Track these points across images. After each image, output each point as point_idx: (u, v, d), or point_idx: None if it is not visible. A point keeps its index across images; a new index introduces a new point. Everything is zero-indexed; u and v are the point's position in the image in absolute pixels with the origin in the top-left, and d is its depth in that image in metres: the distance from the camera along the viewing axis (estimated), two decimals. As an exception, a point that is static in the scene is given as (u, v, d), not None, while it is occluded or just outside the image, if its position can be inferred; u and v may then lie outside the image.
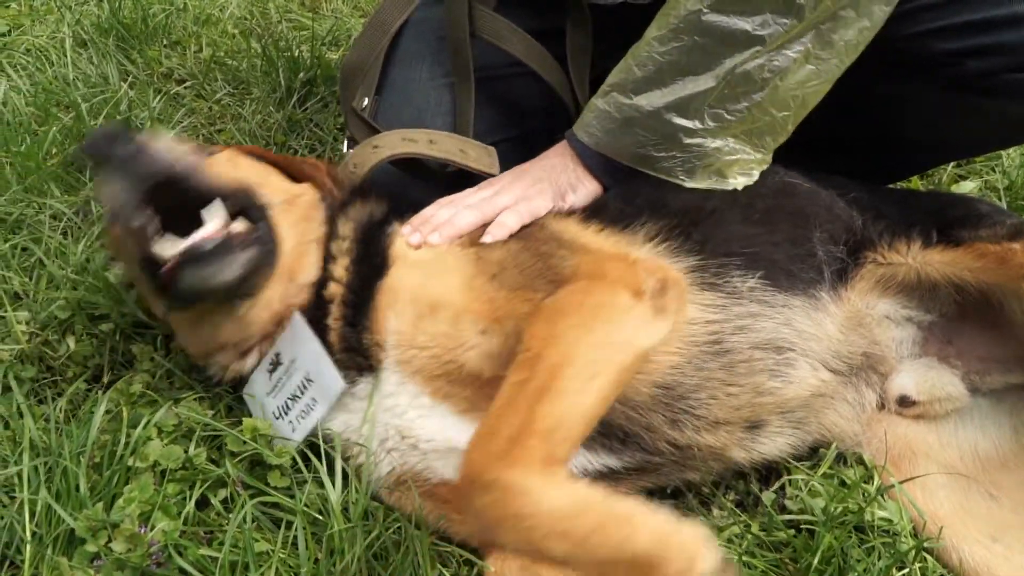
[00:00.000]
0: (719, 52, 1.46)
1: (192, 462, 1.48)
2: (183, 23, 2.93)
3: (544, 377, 1.22)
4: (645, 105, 1.54)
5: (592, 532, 1.07)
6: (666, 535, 1.06)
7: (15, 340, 1.75)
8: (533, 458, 1.14)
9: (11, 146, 2.21)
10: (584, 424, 1.23)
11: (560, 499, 1.10)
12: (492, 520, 1.13)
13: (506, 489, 1.11)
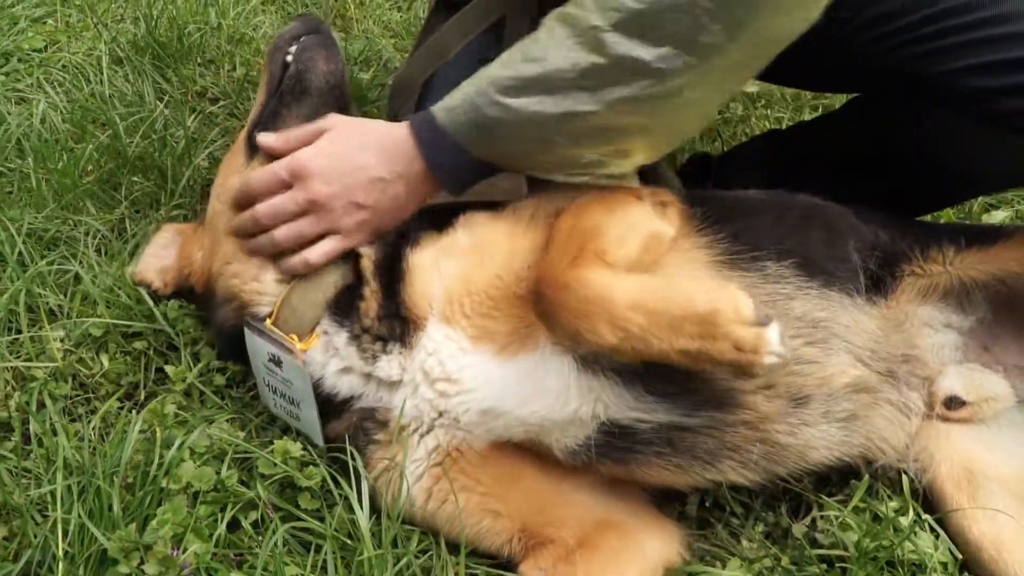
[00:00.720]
0: (612, 77, 1.39)
1: (224, 484, 1.49)
2: (217, 42, 2.97)
3: (584, 234, 1.43)
4: (525, 109, 1.44)
5: (660, 300, 1.29)
6: (714, 290, 1.29)
7: (50, 358, 1.77)
8: (593, 259, 1.37)
9: (48, 163, 2.24)
10: (624, 263, 1.42)
11: (627, 279, 1.34)
12: (580, 311, 1.31)
13: (581, 281, 1.33)
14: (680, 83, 1.37)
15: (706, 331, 1.25)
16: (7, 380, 1.77)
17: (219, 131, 2.52)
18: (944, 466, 1.60)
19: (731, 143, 2.69)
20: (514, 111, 1.44)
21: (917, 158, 1.84)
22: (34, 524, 1.49)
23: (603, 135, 1.46)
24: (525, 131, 1.46)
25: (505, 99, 1.45)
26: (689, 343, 1.26)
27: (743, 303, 1.26)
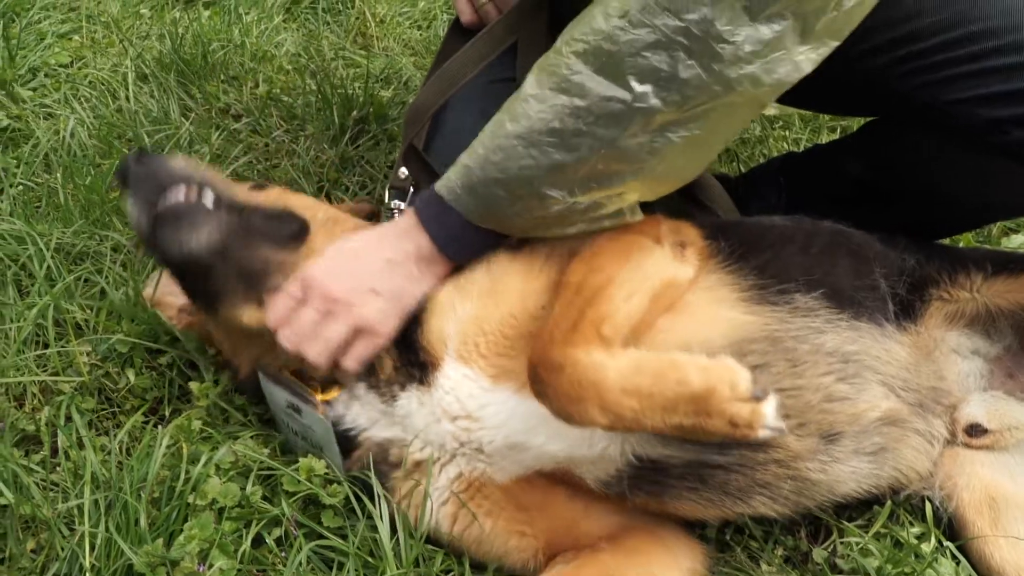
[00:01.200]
0: (592, 121, 1.35)
1: (248, 500, 1.50)
2: (240, 59, 3.01)
3: (590, 293, 1.40)
4: (513, 168, 1.42)
5: (654, 382, 1.27)
6: (710, 367, 1.27)
7: (77, 372, 1.79)
8: (591, 337, 1.33)
9: (76, 178, 2.27)
10: (627, 325, 1.39)
11: (622, 361, 1.30)
12: (572, 395, 1.30)
13: (575, 363, 1.30)
14: (669, 135, 1.35)
15: (701, 409, 1.25)
16: (34, 394, 1.79)
17: (242, 148, 2.55)
18: (966, 493, 1.60)
19: (749, 164, 2.70)
20: (504, 170, 1.43)
21: (934, 183, 1.85)
22: (61, 537, 1.50)
23: (595, 181, 1.42)
24: (517, 189, 1.44)
25: (495, 159, 1.44)
26: (683, 420, 1.26)
27: (740, 379, 1.25)
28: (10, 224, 2.10)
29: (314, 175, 2.52)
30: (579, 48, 1.34)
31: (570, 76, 1.36)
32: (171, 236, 1.52)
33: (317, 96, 2.77)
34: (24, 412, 1.75)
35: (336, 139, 2.65)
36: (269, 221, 1.63)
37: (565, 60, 1.37)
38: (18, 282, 2.01)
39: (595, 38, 1.33)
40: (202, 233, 1.53)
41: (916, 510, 1.64)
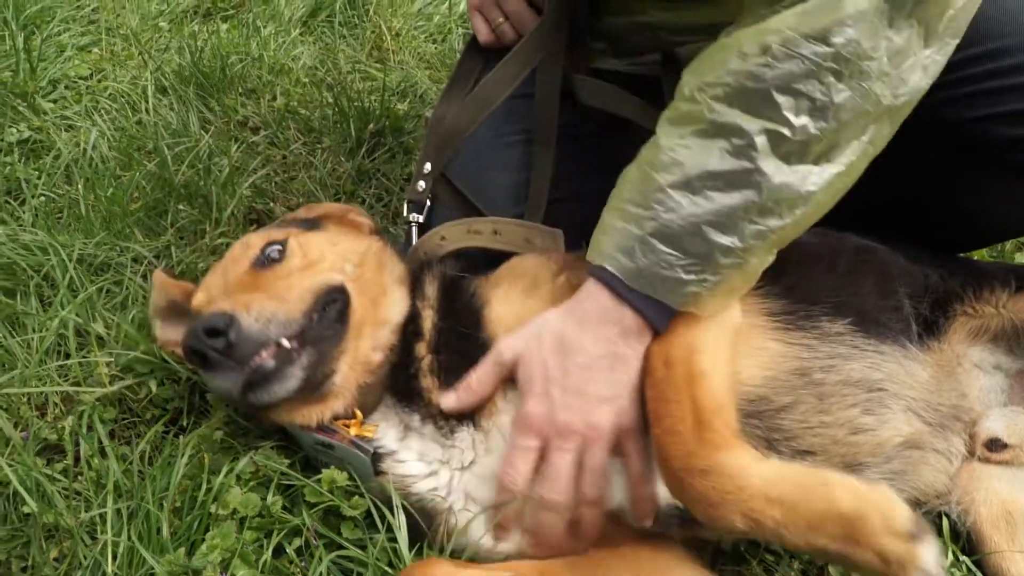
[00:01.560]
0: (760, 155, 1.32)
1: (269, 510, 1.52)
2: (258, 72, 3.04)
3: (683, 368, 1.37)
4: (675, 219, 1.36)
5: (800, 495, 1.22)
6: (864, 492, 1.20)
7: (98, 383, 1.81)
8: (728, 437, 1.31)
9: (97, 190, 2.30)
10: (732, 395, 1.39)
11: (768, 470, 1.26)
12: (714, 499, 1.27)
13: (722, 469, 1.27)
14: (817, 153, 1.33)
15: (848, 534, 1.18)
16: (56, 403, 1.81)
17: (261, 160, 2.58)
18: (984, 508, 1.60)
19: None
20: (667, 224, 1.36)
21: (955, 200, 1.85)
22: (84, 546, 1.52)
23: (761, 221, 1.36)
24: (684, 242, 1.36)
25: (653, 215, 1.37)
26: (828, 543, 1.20)
27: (898, 513, 1.17)
28: (33, 235, 2.13)
29: (331, 187, 2.55)
30: (718, 92, 1.33)
31: (717, 119, 1.34)
32: (263, 394, 1.48)
33: (334, 109, 2.80)
34: (46, 421, 1.76)
35: (353, 152, 2.67)
36: (322, 320, 1.55)
37: (705, 106, 1.35)
38: (40, 292, 2.03)
39: (735, 79, 1.32)
40: (291, 381, 1.48)
41: (933, 526, 1.64)
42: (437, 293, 1.69)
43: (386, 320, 1.66)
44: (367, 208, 2.49)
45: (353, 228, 1.87)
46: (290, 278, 1.59)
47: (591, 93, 1.95)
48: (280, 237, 1.68)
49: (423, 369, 1.58)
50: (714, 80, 1.34)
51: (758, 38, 1.31)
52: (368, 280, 1.68)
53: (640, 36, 1.99)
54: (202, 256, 2.17)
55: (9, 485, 1.60)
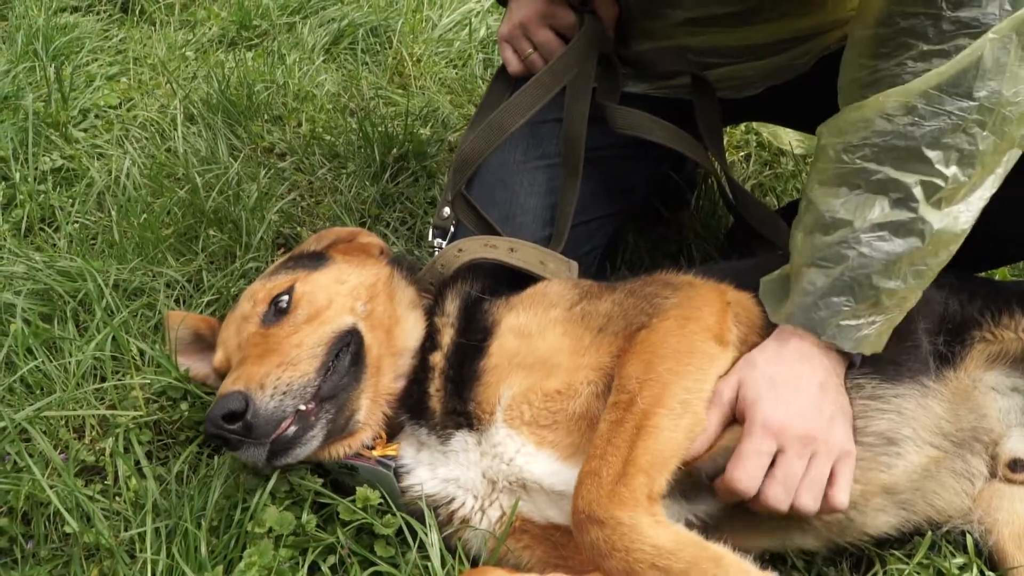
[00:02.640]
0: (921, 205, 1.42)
1: (304, 528, 1.55)
2: (283, 99, 3.11)
3: (639, 418, 1.41)
4: (846, 272, 1.47)
5: (687, 569, 1.24)
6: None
7: (134, 406, 1.85)
8: (640, 496, 1.33)
9: (131, 217, 2.36)
10: (676, 458, 1.41)
11: (662, 537, 1.28)
12: (603, 551, 1.30)
13: (617, 526, 1.30)
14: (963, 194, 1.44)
15: None
16: (92, 426, 1.85)
17: (288, 186, 2.64)
18: (1006, 529, 1.61)
19: (782, 199, 2.75)
20: (838, 277, 1.47)
21: None
22: (124, 565, 1.56)
23: (923, 264, 1.48)
24: (855, 291, 1.47)
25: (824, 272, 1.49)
26: None
27: None
28: (69, 260, 2.18)
29: (356, 211, 2.60)
30: (866, 153, 1.45)
31: (871, 178, 1.45)
32: (288, 459, 1.54)
33: (358, 134, 2.86)
34: (84, 444, 1.81)
35: (377, 176, 2.72)
36: (337, 370, 1.60)
37: (855, 167, 1.46)
38: (76, 317, 2.08)
39: (883, 139, 1.43)
40: (313, 441, 1.54)
41: (958, 544, 1.65)
42: (458, 312, 1.74)
43: (403, 349, 1.71)
44: (392, 231, 2.54)
45: (361, 253, 1.91)
46: (299, 333, 1.63)
47: (624, 120, 1.99)
48: (285, 286, 1.71)
49: (434, 377, 1.64)
50: (860, 141, 1.45)
51: (902, 99, 1.42)
52: (380, 313, 1.72)
53: (669, 60, 2.04)
54: (233, 280, 2.22)
55: (50, 505, 1.64)
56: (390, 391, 1.68)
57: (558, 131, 2.02)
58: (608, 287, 1.71)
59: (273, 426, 1.50)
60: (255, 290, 1.77)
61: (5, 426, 1.72)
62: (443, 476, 1.61)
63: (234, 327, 1.74)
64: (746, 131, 3.03)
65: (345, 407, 1.59)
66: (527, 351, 1.60)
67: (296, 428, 1.51)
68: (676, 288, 1.64)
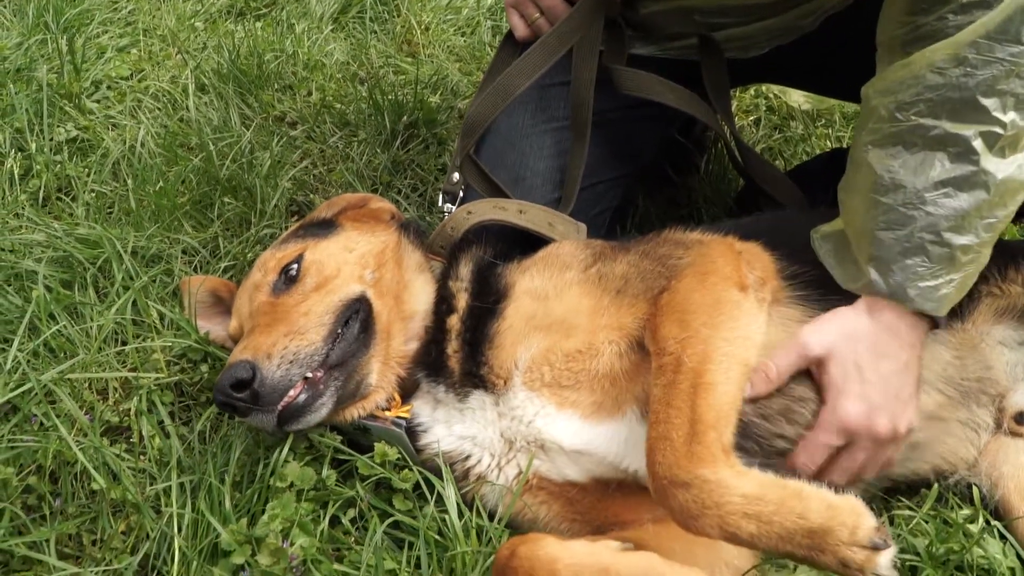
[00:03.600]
0: (983, 157, 1.43)
1: (324, 483, 1.59)
2: (293, 68, 3.12)
3: (692, 376, 1.41)
4: (915, 233, 1.49)
5: (776, 510, 1.26)
6: (834, 505, 1.25)
7: (155, 368, 1.89)
8: (716, 451, 1.34)
9: (147, 185, 2.39)
10: (735, 410, 1.42)
11: (747, 485, 1.29)
12: (693, 512, 1.30)
13: (703, 484, 1.30)
14: None
15: (815, 544, 1.24)
16: (115, 388, 1.90)
17: (300, 154, 2.66)
18: (1012, 482, 1.64)
19: (791, 162, 2.76)
20: (907, 238, 1.49)
21: None
22: (151, 519, 1.60)
23: (992, 216, 1.48)
24: (928, 249, 1.49)
25: (890, 232, 1.50)
26: (796, 550, 1.25)
27: (863, 525, 1.23)
28: (88, 228, 2.22)
29: (368, 179, 2.62)
30: (921, 109, 1.45)
31: (928, 134, 1.45)
32: (298, 424, 1.58)
33: (368, 103, 2.88)
34: (108, 405, 1.85)
35: (388, 144, 2.75)
36: (345, 338, 1.64)
37: (911, 124, 1.47)
38: (96, 283, 2.12)
39: (936, 93, 1.44)
40: (323, 408, 1.59)
41: (965, 496, 1.68)
42: (471, 276, 1.77)
43: (413, 312, 1.75)
44: (403, 198, 2.56)
45: (372, 219, 1.93)
46: (308, 301, 1.66)
47: (631, 82, 2.00)
48: (295, 255, 1.75)
49: (451, 338, 1.68)
50: (913, 98, 1.46)
51: (951, 51, 1.42)
52: (389, 280, 1.76)
53: (675, 22, 2.04)
54: (248, 246, 2.25)
55: (76, 464, 1.69)
56: (402, 354, 1.71)
57: (566, 94, 2.04)
58: (620, 248, 1.72)
59: (280, 394, 1.54)
60: (266, 259, 1.80)
61: (32, 387, 1.76)
62: (459, 433, 1.65)
63: (246, 295, 1.77)
64: (755, 95, 3.04)
65: (355, 373, 1.63)
66: (544, 312, 1.62)
67: (306, 396, 1.55)
68: (687, 247, 1.66)
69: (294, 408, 1.55)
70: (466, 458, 1.65)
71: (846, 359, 1.52)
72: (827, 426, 1.52)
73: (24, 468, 1.69)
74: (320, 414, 1.58)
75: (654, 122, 2.18)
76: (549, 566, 1.29)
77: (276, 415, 1.54)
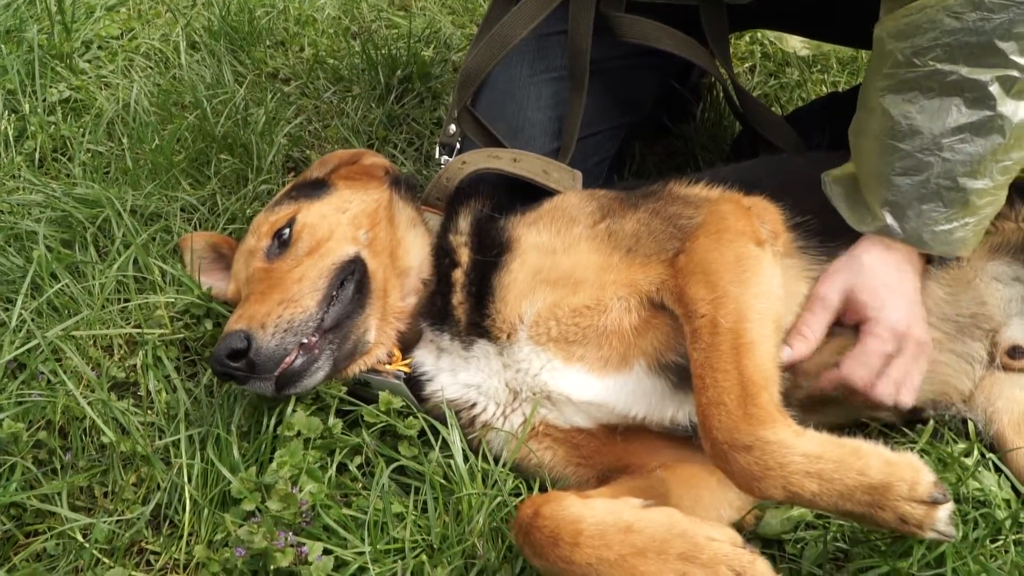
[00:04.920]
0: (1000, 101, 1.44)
1: (331, 431, 1.62)
2: (284, 24, 3.09)
3: (731, 337, 1.41)
4: (931, 179, 1.51)
5: (836, 468, 1.26)
6: (893, 461, 1.26)
7: (159, 324, 1.91)
8: (772, 410, 1.34)
9: (144, 143, 2.38)
10: (777, 368, 1.43)
11: (807, 444, 1.29)
12: (756, 474, 1.30)
13: (765, 445, 1.30)
14: None
15: (875, 501, 1.25)
16: (120, 345, 1.91)
17: (294, 110, 2.65)
18: (1006, 416, 1.67)
19: (787, 108, 2.75)
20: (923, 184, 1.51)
21: None
22: (161, 471, 1.63)
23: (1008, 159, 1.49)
24: (944, 195, 1.51)
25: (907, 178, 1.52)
26: (855, 508, 1.26)
27: (922, 480, 1.24)
28: (86, 188, 2.22)
29: (364, 134, 2.61)
30: (938, 54, 1.45)
31: (945, 80, 1.46)
32: (297, 388, 1.60)
33: (362, 58, 2.86)
34: (114, 361, 1.87)
35: (382, 98, 2.73)
36: (340, 300, 1.66)
37: (928, 70, 1.47)
38: (96, 242, 2.13)
39: (953, 38, 1.44)
40: (320, 372, 1.61)
41: (960, 431, 1.71)
42: (471, 229, 1.78)
43: (408, 268, 1.76)
44: (400, 152, 2.56)
45: (364, 176, 1.93)
46: (301, 267, 1.67)
47: (630, 29, 1.98)
48: (287, 218, 1.75)
49: (456, 291, 1.69)
50: (930, 43, 1.45)
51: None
52: (383, 238, 1.77)
53: None
54: (247, 202, 2.25)
55: (85, 419, 1.71)
56: (399, 309, 1.73)
57: (563, 43, 2.02)
58: (628, 204, 1.71)
59: (276, 362, 1.56)
60: (259, 223, 1.81)
61: (38, 344, 1.77)
62: (464, 381, 1.67)
63: (243, 260, 1.79)
64: (751, 42, 3.02)
65: (351, 334, 1.65)
66: (551, 266, 1.63)
67: (302, 360, 1.58)
68: (696, 205, 1.66)
69: (291, 373, 1.57)
70: (472, 406, 1.67)
71: (872, 283, 1.55)
72: (878, 333, 1.54)
73: (34, 424, 1.71)
74: (317, 377, 1.61)
75: (653, 70, 2.17)
76: (573, 526, 1.28)
77: (273, 382, 1.56)
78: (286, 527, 1.46)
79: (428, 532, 1.53)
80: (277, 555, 1.41)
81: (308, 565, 1.42)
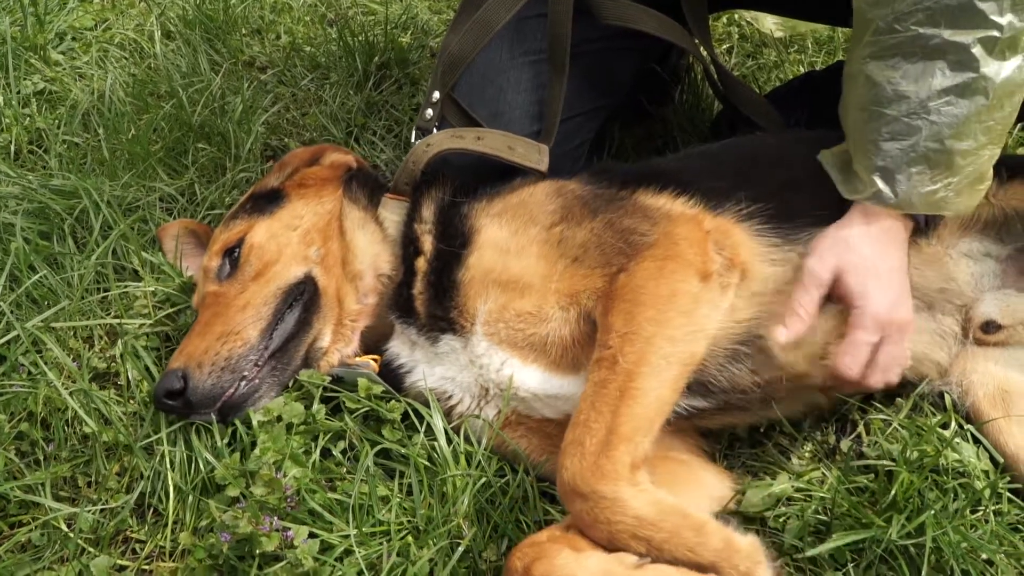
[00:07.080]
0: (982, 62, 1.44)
1: (314, 417, 1.62)
2: (260, 12, 3.07)
3: (623, 379, 1.41)
4: (919, 143, 1.51)
5: (667, 539, 1.28)
6: (734, 545, 1.27)
7: (139, 314, 1.90)
8: (621, 468, 1.33)
9: (120, 134, 2.37)
10: (662, 413, 1.43)
11: (644, 508, 1.30)
12: (587, 522, 1.33)
13: (600, 499, 1.31)
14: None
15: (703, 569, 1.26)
16: (100, 335, 1.91)
17: (272, 98, 2.64)
18: (981, 390, 1.69)
19: (764, 89, 2.76)
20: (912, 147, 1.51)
21: None
22: (143, 460, 1.63)
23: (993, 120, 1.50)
24: (932, 157, 1.51)
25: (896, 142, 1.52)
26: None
27: (762, 567, 1.26)
28: (63, 179, 2.20)
29: (342, 121, 2.60)
30: (920, 18, 1.45)
31: (928, 43, 1.45)
32: (241, 414, 1.63)
33: (339, 45, 2.84)
34: (94, 352, 1.86)
35: (360, 85, 2.72)
36: (285, 324, 1.68)
37: (910, 35, 1.46)
38: (74, 233, 2.11)
39: (934, 2, 1.43)
40: (264, 398, 1.64)
41: (937, 404, 1.73)
42: (434, 217, 1.78)
43: (360, 272, 1.77)
44: (379, 139, 2.55)
45: (320, 181, 1.90)
46: (247, 292, 1.70)
47: (611, 11, 1.98)
48: (237, 236, 1.76)
49: (417, 280, 1.70)
50: (911, 8, 1.45)
51: None
52: (335, 250, 1.78)
53: None
54: (225, 191, 2.24)
55: (67, 410, 1.70)
56: (357, 311, 1.75)
57: (543, 26, 2.01)
58: (589, 209, 1.68)
59: (214, 399, 1.59)
60: (215, 238, 1.82)
61: (17, 336, 1.76)
62: (440, 375, 1.69)
63: (201, 277, 1.80)
64: (728, 23, 3.03)
65: (298, 353, 1.68)
66: (502, 268, 1.63)
67: (244, 390, 1.61)
68: (654, 221, 1.62)
69: (231, 404, 1.61)
70: (448, 397, 1.68)
71: (858, 266, 1.55)
72: (862, 324, 1.54)
73: (15, 415, 1.71)
74: (262, 402, 1.63)
75: (633, 52, 2.17)
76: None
77: (215, 412, 1.60)
78: (271, 512, 1.47)
79: (413, 514, 1.54)
80: (263, 539, 1.41)
81: (294, 549, 1.43)
